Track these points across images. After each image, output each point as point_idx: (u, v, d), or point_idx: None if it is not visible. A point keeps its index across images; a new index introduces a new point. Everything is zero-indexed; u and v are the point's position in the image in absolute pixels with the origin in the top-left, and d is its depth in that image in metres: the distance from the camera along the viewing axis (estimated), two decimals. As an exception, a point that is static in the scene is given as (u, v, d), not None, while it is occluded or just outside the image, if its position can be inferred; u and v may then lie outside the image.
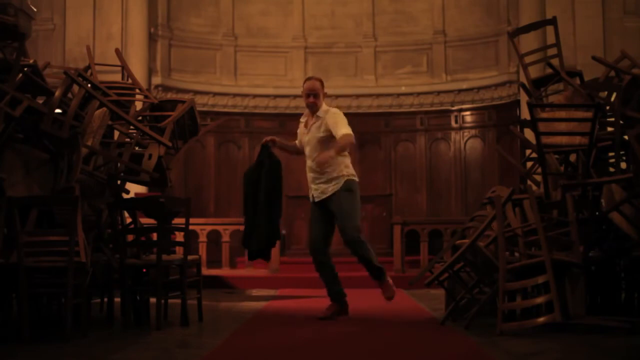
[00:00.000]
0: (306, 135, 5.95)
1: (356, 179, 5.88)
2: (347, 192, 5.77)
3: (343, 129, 5.73)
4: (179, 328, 5.40)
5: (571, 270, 5.04)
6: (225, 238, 10.25)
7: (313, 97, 5.89)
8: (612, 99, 5.96)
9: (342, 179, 5.77)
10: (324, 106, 5.96)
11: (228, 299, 7.94)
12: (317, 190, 5.84)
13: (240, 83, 13.34)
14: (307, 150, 5.94)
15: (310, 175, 5.91)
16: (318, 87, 5.92)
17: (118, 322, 5.48)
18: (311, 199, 5.95)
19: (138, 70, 11.34)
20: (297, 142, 6.18)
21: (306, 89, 5.94)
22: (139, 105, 6.62)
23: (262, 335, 5.19)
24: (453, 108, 13.12)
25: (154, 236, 5.59)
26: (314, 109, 5.91)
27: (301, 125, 6.08)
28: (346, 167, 5.84)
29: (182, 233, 5.62)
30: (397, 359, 4.24)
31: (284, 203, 12.87)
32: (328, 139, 5.80)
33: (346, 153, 5.85)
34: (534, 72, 7.41)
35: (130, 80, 6.87)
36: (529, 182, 6.64)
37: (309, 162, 5.91)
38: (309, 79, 6.07)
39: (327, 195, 5.78)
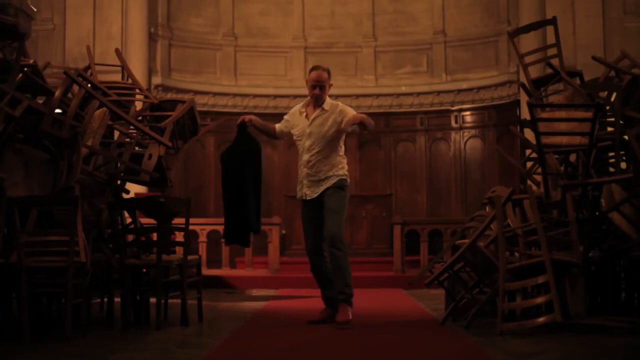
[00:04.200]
0: (307, 127, 5.61)
1: (348, 179, 5.67)
2: (338, 189, 5.55)
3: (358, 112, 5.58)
4: (179, 328, 5.40)
5: (571, 270, 5.04)
6: (225, 238, 10.23)
7: (319, 88, 5.58)
8: (612, 99, 5.96)
9: (335, 177, 5.56)
10: (328, 100, 5.67)
11: (228, 299, 7.94)
12: (310, 188, 5.58)
13: (240, 83, 13.34)
14: (305, 143, 5.61)
15: (304, 171, 5.62)
16: (325, 79, 5.60)
17: (118, 322, 5.48)
18: (302, 197, 5.65)
19: (138, 70, 11.34)
20: (281, 126, 5.84)
21: (312, 80, 5.60)
22: (139, 105, 6.62)
23: (262, 335, 5.19)
24: (453, 108, 13.12)
25: (154, 236, 5.59)
26: (319, 101, 5.61)
27: (297, 114, 5.74)
28: (342, 168, 5.63)
29: (182, 233, 5.62)
30: (397, 359, 4.24)
31: (283, 203, 12.90)
32: (336, 136, 5.60)
33: (343, 154, 5.68)
34: (534, 72, 7.42)
35: (130, 80, 6.87)
36: (529, 182, 6.64)
37: (306, 157, 5.60)
38: (315, 68, 5.69)
39: (317, 194, 5.55)
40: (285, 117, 5.88)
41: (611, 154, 5.98)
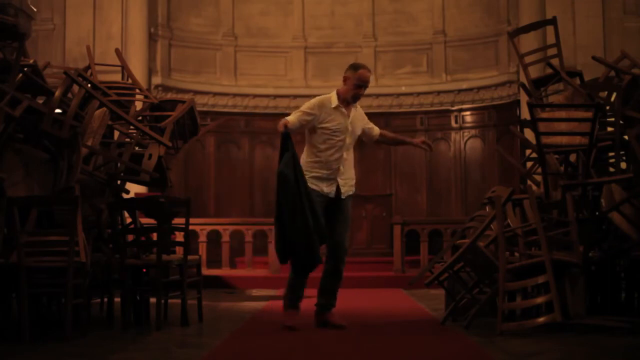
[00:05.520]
0: (349, 125, 5.41)
1: None
2: (351, 197, 5.48)
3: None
4: (179, 328, 5.41)
5: (571, 270, 5.04)
6: (225, 238, 10.24)
7: (364, 89, 5.44)
8: (612, 99, 5.96)
9: (353, 179, 5.50)
10: None
11: (228, 299, 7.94)
12: (344, 186, 5.36)
13: (240, 83, 13.34)
14: (347, 140, 5.38)
15: (339, 169, 5.36)
16: (369, 79, 5.46)
17: (118, 322, 5.48)
18: (330, 194, 5.32)
19: (138, 70, 11.34)
20: (300, 122, 5.29)
21: (359, 79, 5.37)
22: (139, 105, 6.62)
23: (261, 335, 5.19)
24: (453, 108, 13.12)
25: (154, 236, 5.59)
26: (356, 101, 5.46)
27: (332, 109, 5.36)
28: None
29: (182, 233, 5.62)
30: (397, 359, 4.24)
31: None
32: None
33: None
34: (534, 72, 7.42)
35: (130, 80, 6.87)
36: (529, 182, 6.64)
37: (345, 154, 5.38)
38: (363, 67, 5.45)
39: (349, 194, 5.42)
40: (308, 110, 5.35)
41: (611, 154, 5.98)
